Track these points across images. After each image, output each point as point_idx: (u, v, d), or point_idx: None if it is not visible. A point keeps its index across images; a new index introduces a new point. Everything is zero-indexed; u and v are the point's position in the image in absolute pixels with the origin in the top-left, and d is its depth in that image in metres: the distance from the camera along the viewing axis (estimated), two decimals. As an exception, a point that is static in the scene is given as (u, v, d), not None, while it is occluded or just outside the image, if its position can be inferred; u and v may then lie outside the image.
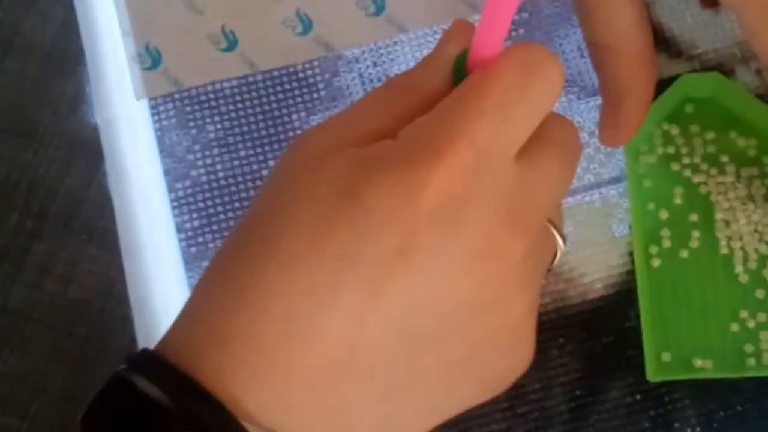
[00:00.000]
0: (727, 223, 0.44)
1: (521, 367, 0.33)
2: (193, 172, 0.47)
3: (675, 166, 0.45)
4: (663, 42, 0.47)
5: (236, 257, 0.31)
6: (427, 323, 0.30)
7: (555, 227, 0.34)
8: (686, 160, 0.45)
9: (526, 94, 0.31)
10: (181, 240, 0.46)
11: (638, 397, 0.43)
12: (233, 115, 0.47)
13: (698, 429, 0.43)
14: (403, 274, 0.29)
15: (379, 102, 0.33)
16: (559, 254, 0.34)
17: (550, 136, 0.32)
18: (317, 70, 0.48)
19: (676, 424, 0.43)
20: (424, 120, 0.31)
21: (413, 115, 0.32)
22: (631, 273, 0.44)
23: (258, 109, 0.48)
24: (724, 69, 0.46)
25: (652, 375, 0.42)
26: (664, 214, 0.44)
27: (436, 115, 0.31)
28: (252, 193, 0.47)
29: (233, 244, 0.32)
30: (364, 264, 0.29)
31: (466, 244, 0.30)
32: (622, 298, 0.44)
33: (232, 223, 0.46)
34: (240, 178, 0.47)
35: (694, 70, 0.47)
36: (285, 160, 0.33)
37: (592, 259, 0.45)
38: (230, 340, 0.29)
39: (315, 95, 0.48)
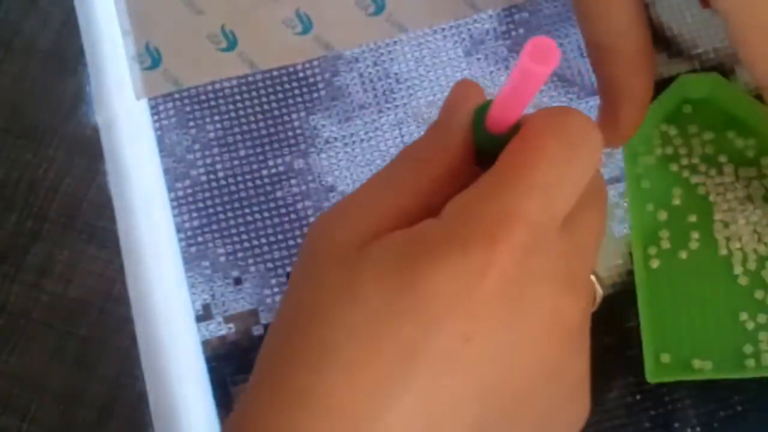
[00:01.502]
0: (726, 224, 0.44)
1: (585, 415, 0.33)
2: (193, 172, 0.47)
3: (673, 167, 0.45)
4: (663, 42, 0.47)
5: (294, 362, 0.30)
6: (498, 405, 0.30)
7: (594, 274, 0.34)
8: (685, 161, 0.45)
9: (572, 167, 0.30)
10: (181, 240, 0.46)
11: (638, 397, 0.43)
12: (233, 114, 0.47)
13: (698, 429, 0.43)
14: (471, 361, 0.29)
15: (402, 177, 0.32)
16: (598, 299, 0.34)
17: (585, 192, 0.32)
18: (317, 70, 0.48)
19: (676, 424, 0.43)
20: (470, 198, 0.30)
21: (440, 185, 0.31)
22: (631, 273, 0.44)
23: (258, 109, 0.48)
24: (724, 69, 0.46)
25: (652, 376, 0.42)
26: (662, 215, 0.44)
27: (482, 193, 0.30)
28: (252, 192, 0.47)
29: (285, 347, 0.30)
30: (428, 356, 0.28)
31: (530, 322, 0.29)
32: (622, 298, 0.44)
33: (231, 222, 0.46)
34: (240, 178, 0.47)
35: (694, 70, 0.47)
36: (316, 252, 0.31)
37: (591, 260, 0.45)
38: None
39: (315, 95, 0.48)
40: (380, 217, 0.31)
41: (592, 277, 0.34)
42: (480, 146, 0.32)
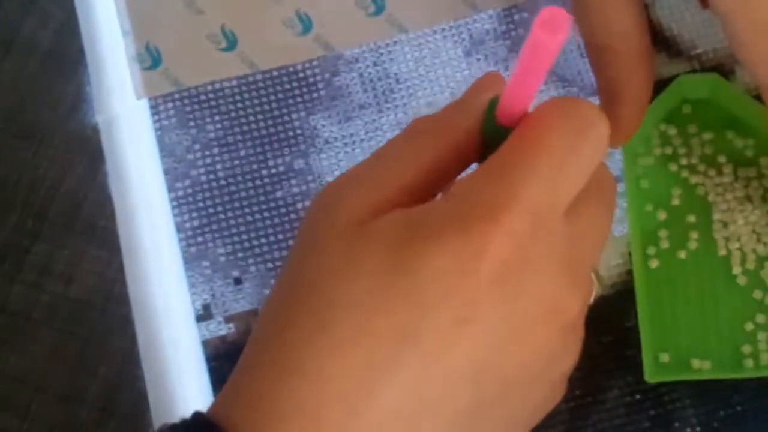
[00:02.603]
0: (725, 224, 0.44)
1: (558, 401, 0.34)
2: (193, 172, 0.47)
3: (673, 167, 0.45)
4: (663, 42, 0.47)
5: (287, 335, 0.30)
6: (488, 389, 0.30)
7: (593, 270, 0.34)
8: (684, 161, 0.45)
9: (578, 154, 0.30)
10: (181, 240, 0.46)
11: (638, 396, 0.43)
12: (233, 114, 0.48)
13: (698, 429, 0.43)
14: (464, 344, 0.29)
15: (407, 149, 0.32)
16: (595, 295, 0.34)
17: (591, 185, 0.32)
18: (317, 70, 0.48)
19: (676, 424, 0.43)
20: (473, 181, 0.30)
21: (445, 163, 0.32)
22: (631, 273, 0.44)
23: (258, 109, 0.48)
24: (724, 69, 0.46)
25: (650, 376, 0.42)
26: (661, 215, 0.44)
27: (485, 176, 0.30)
28: (252, 192, 0.47)
29: (282, 319, 0.31)
30: (423, 337, 0.28)
31: (526, 309, 0.29)
32: (622, 297, 0.44)
33: (232, 222, 0.46)
34: (240, 178, 0.47)
35: (694, 70, 0.47)
36: (317, 225, 0.31)
37: (591, 259, 0.45)
38: (290, 419, 0.29)
39: (315, 95, 0.48)
40: (383, 192, 0.31)
41: (592, 274, 0.34)
42: (489, 139, 0.32)
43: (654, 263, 0.44)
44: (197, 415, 0.30)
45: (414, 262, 0.29)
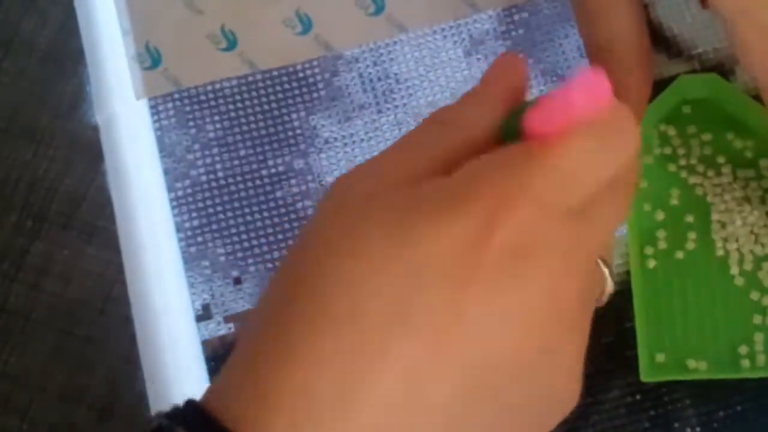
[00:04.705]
0: (723, 225, 0.44)
1: (571, 404, 0.33)
2: (193, 172, 0.47)
3: (672, 167, 0.45)
4: (663, 42, 0.47)
5: (285, 312, 0.30)
6: (483, 375, 0.29)
7: (605, 263, 0.33)
8: (683, 162, 0.45)
9: (600, 159, 0.30)
10: (180, 239, 0.46)
11: (638, 397, 0.43)
12: (233, 114, 0.48)
13: (698, 429, 0.43)
14: (459, 328, 0.28)
15: (426, 138, 0.32)
16: (607, 291, 0.34)
17: (614, 183, 0.31)
18: (317, 70, 0.48)
19: (676, 424, 0.43)
20: (487, 165, 0.30)
21: (457, 154, 0.31)
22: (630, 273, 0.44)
23: (258, 109, 0.48)
24: (724, 69, 0.47)
25: (646, 375, 0.43)
26: (660, 215, 0.44)
27: (500, 162, 0.30)
28: (251, 192, 0.47)
29: (282, 294, 0.30)
30: (415, 318, 0.28)
31: (523, 297, 0.29)
32: (621, 298, 0.44)
33: (231, 222, 0.46)
34: (240, 178, 0.47)
35: (694, 70, 0.47)
36: (328, 202, 0.31)
37: (591, 260, 0.45)
38: (281, 402, 0.28)
39: (315, 95, 0.48)
40: (394, 175, 0.31)
41: (605, 270, 0.33)
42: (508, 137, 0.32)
43: (651, 263, 0.44)
44: (191, 403, 0.30)
45: (412, 241, 0.28)
